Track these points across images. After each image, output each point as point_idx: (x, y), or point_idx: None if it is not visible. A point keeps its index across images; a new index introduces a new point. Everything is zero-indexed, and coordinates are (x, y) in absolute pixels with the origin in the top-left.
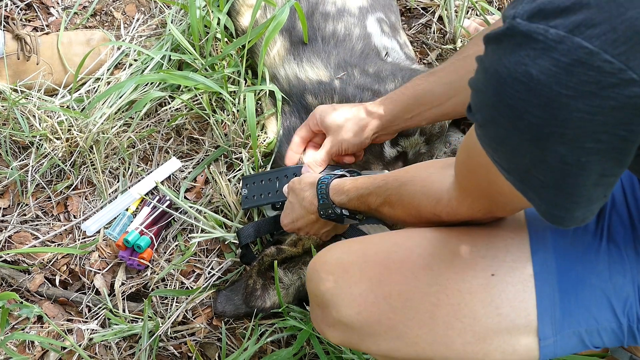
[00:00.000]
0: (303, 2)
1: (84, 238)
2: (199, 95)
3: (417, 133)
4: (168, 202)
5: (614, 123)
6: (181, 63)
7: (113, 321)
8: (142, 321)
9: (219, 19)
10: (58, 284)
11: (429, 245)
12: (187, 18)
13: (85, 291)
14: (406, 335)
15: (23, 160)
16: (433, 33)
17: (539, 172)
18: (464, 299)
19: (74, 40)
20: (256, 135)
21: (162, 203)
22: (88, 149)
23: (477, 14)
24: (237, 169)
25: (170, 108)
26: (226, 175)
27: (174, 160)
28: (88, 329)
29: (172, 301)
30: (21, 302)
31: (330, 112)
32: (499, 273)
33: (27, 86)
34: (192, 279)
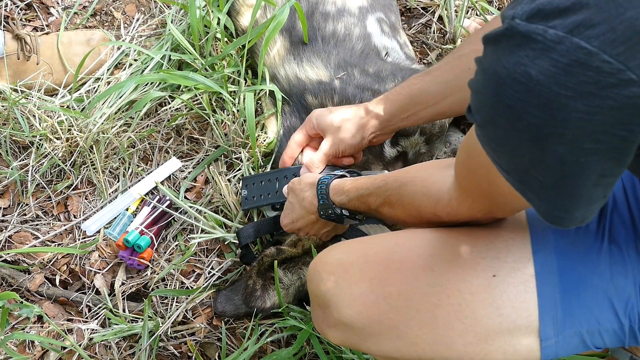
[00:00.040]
0: (303, 2)
1: (84, 238)
2: (199, 95)
3: (417, 133)
4: (168, 202)
5: (613, 123)
6: (181, 63)
7: (113, 321)
8: (142, 321)
9: (219, 19)
10: (58, 284)
11: (430, 245)
12: (187, 18)
13: (85, 291)
14: (407, 335)
15: (23, 160)
16: (433, 33)
17: (538, 173)
18: (465, 300)
19: (74, 40)
20: (255, 135)
21: (162, 203)
22: (88, 149)
23: (477, 14)
24: (237, 169)
25: (170, 108)
26: (226, 175)
27: (174, 160)
28: (88, 329)
29: (172, 301)
30: (21, 302)
31: (326, 115)
32: (500, 273)
33: (27, 86)
34: (192, 279)
